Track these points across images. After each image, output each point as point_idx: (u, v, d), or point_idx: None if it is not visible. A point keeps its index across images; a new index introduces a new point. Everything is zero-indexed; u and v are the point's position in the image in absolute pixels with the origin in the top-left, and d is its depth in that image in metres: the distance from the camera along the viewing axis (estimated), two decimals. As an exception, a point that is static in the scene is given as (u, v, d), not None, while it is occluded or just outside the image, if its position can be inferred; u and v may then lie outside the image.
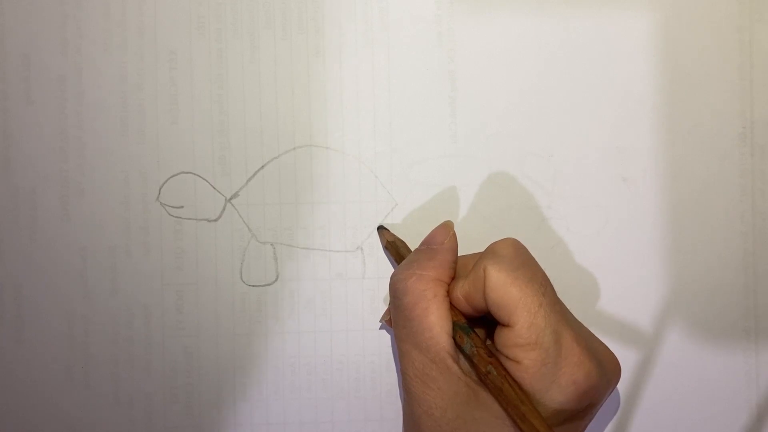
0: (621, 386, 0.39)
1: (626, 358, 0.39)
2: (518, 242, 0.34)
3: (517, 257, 0.33)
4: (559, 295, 0.38)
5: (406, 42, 0.39)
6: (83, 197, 0.38)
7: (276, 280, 0.39)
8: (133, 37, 0.38)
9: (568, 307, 0.34)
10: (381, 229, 0.39)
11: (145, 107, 0.38)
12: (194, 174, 0.39)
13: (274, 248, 0.39)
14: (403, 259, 0.37)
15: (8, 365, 0.38)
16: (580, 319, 0.35)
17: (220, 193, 0.39)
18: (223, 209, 0.39)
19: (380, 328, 0.39)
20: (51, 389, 0.39)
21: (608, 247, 0.39)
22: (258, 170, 0.39)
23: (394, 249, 0.38)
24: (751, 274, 0.39)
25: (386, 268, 0.39)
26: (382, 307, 0.39)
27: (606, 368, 0.33)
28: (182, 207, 0.39)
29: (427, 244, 0.36)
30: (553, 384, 0.31)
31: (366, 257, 0.39)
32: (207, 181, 0.39)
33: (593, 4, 0.39)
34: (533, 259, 0.34)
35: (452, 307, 0.34)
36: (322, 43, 0.39)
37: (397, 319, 0.34)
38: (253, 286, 0.39)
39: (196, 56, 0.39)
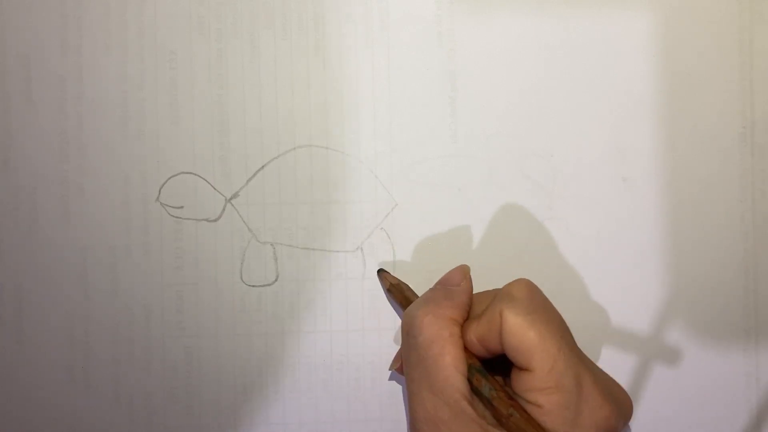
0: (622, 385, 0.39)
1: (626, 358, 0.39)
2: (532, 284, 0.34)
3: (533, 300, 0.33)
4: (559, 296, 0.38)
5: (406, 42, 0.39)
6: (83, 197, 0.38)
7: (276, 280, 0.39)
8: (133, 37, 0.38)
9: (568, 308, 0.34)
10: (382, 272, 0.39)
11: (145, 107, 0.38)
12: (194, 174, 0.39)
13: (274, 248, 0.39)
14: (409, 301, 0.37)
15: (8, 365, 0.38)
16: (579, 319, 0.35)
17: (220, 193, 0.39)
18: (223, 209, 0.39)
19: (389, 379, 0.39)
20: (51, 389, 0.39)
21: (608, 247, 0.39)
22: (258, 170, 0.39)
23: (399, 292, 0.37)
24: (751, 274, 0.39)
25: (386, 267, 0.39)
26: (383, 308, 0.39)
27: (622, 409, 0.33)
28: (182, 207, 0.39)
29: (443, 284, 0.36)
30: (575, 427, 0.31)
31: (366, 257, 0.39)
32: (207, 181, 0.39)
33: (593, 4, 0.39)
34: (548, 300, 0.34)
35: (465, 349, 0.33)
36: (322, 43, 0.39)
37: (410, 358, 0.34)
38: (253, 286, 0.39)
39: (196, 56, 0.39)
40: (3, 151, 0.38)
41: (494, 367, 0.34)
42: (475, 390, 0.33)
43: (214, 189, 0.39)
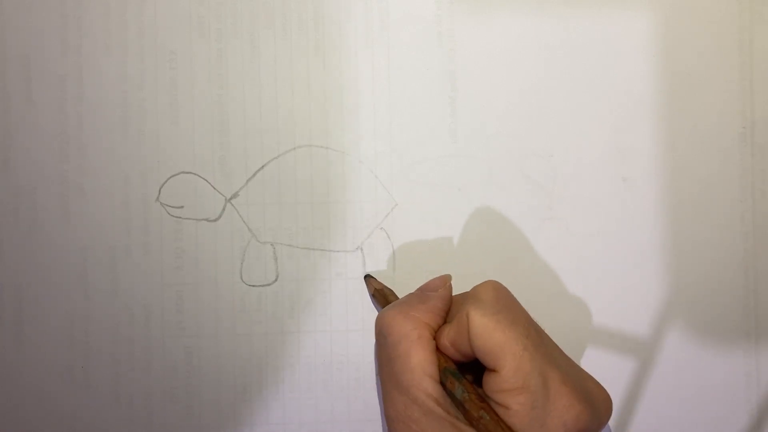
0: (621, 386, 0.39)
1: (626, 358, 0.39)
2: (498, 284, 0.34)
3: (499, 301, 0.33)
4: (559, 295, 0.38)
5: (406, 42, 0.39)
6: (83, 197, 0.38)
7: (276, 280, 0.39)
8: (133, 37, 0.38)
9: (568, 308, 0.34)
10: (368, 277, 0.39)
11: (145, 107, 0.38)
12: (194, 174, 0.39)
13: (274, 248, 0.39)
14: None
15: (8, 365, 0.38)
16: (579, 319, 0.35)
17: (220, 193, 0.39)
18: (223, 209, 0.39)
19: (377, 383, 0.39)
20: (51, 389, 0.39)
21: (608, 247, 0.39)
22: (258, 170, 0.39)
23: (382, 297, 0.38)
24: (751, 274, 0.39)
25: (386, 268, 0.39)
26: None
27: (597, 407, 0.33)
28: (182, 207, 0.39)
29: (422, 290, 0.36)
30: (543, 428, 0.31)
31: (366, 257, 0.39)
32: (207, 181, 0.39)
33: (593, 4, 0.39)
34: (515, 300, 0.34)
35: (441, 352, 0.34)
36: (322, 43, 0.39)
37: (381, 358, 0.34)
38: (253, 286, 0.39)
39: (196, 56, 0.39)
40: (3, 151, 0.38)
41: (474, 371, 0.34)
42: (448, 392, 0.33)
43: (214, 189, 0.39)
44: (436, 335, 0.34)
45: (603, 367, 0.39)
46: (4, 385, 0.38)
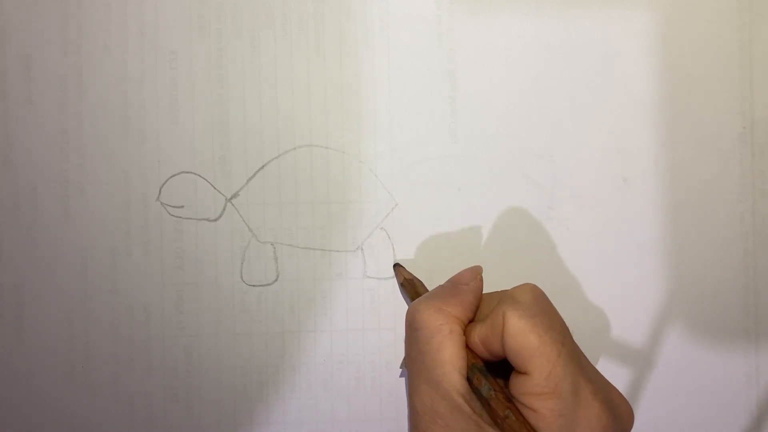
0: (621, 386, 0.39)
1: (626, 358, 0.39)
2: (538, 288, 0.34)
3: (537, 304, 0.33)
4: (559, 295, 0.38)
5: (406, 42, 0.39)
6: (84, 197, 0.38)
7: (276, 279, 0.39)
8: (133, 37, 0.38)
9: (568, 307, 0.34)
10: (397, 266, 0.39)
11: (145, 107, 0.38)
12: (194, 174, 0.39)
13: (275, 248, 0.39)
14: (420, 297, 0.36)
15: (8, 364, 0.38)
16: (579, 319, 0.35)
17: (220, 192, 0.39)
18: (224, 209, 0.39)
19: (401, 376, 0.39)
20: (51, 388, 0.39)
21: (608, 247, 0.39)
22: (258, 170, 0.39)
23: (412, 287, 0.38)
24: (751, 274, 0.39)
25: (387, 268, 0.39)
26: (383, 307, 0.39)
27: (621, 419, 0.33)
28: (182, 207, 0.39)
29: (453, 282, 0.36)
30: None
31: (366, 257, 0.39)
32: (207, 180, 0.39)
33: (593, 4, 0.39)
34: (553, 306, 0.34)
35: (469, 349, 0.34)
36: (322, 43, 0.39)
37: (411, 351, 0.34)
38: (254, 285, 0.39)
39: (196, 56, 0.39)
40: (3, 151, 0.38)
41: (498, 371, 0.34)
42: (475, 389, 0.33)
43: (215, 189, 0.39)
44: (465, 330, 0.34)
45: (603, 366, 0.39)
46: (4, 385, 0.38)
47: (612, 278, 0.39)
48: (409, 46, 0.39)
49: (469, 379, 0.33)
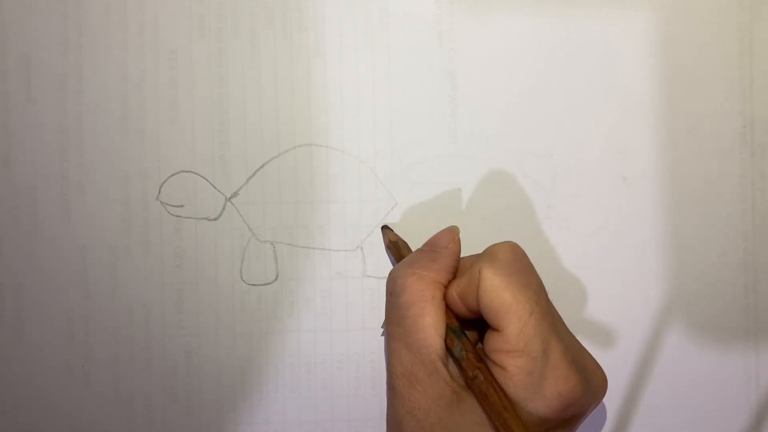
0: (621, 386, 0.39)
1: (626, 358, 0.39)
2: (518, 247, 0.34)
3: (515, 262, 0.33)
4: (559, 295, 0.38)
5: (406, 42, 0.39)
6: (83, 196, 0.38)
7: (276, 279, 0.39)
8: (133, 36, 0.38)
9: (568, 307, 0.34)
10: (385, 228, 0.39)
11: (145, 106, 0.38)
12: (194, 173, 0.39)
13: (274, 247, 0.39)
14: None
15: (8, 365, 0.38)
16: (579, 319, 0.35)
17: (220, 192, 0.39)
18: (223, 208, 0.39)
19: (382, 335, 0.39)
20: (51, 389, 0.39)
21: (608, 246, 0.39)
22: (258, 169, 0.39)
23: (396, 249, 0.38)
24: (751, 274, 0.39)
25: (386, 268, 0.39)
26: (383, 307, 0.39)
27: (592, 383, 0.33)
28: (182, 206, 0.39)
29: (431, 245, 0.36)
30: (537, 394, 0.31)
31: (366, 256, 0.39)
32: (207, 180, 0.39)
33: (593, 4, 0.39)
34: (531, 266, 0.34)
35: (447, 308, 0.34)
36: (322, 43, 0.39)
37: (391, 316, 0.34)
38: (253, 285, 0.39)
39: (196, 56, 0.39)
40: (3, 150, 0.38)
41: (479, 331, 0.35)
42: (449, 349, 0.33)
43: (214, 188, 0.39)
44: (445, 290, 0.34)
45: (603, 366, 0.39)
46: (4, 385, 0.38)
47: (612, 278, 0.39)
48: (409, 46, 0.39)
49: (445, 342, 0.33)
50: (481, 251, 0.34)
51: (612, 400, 0.39)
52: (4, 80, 0.38)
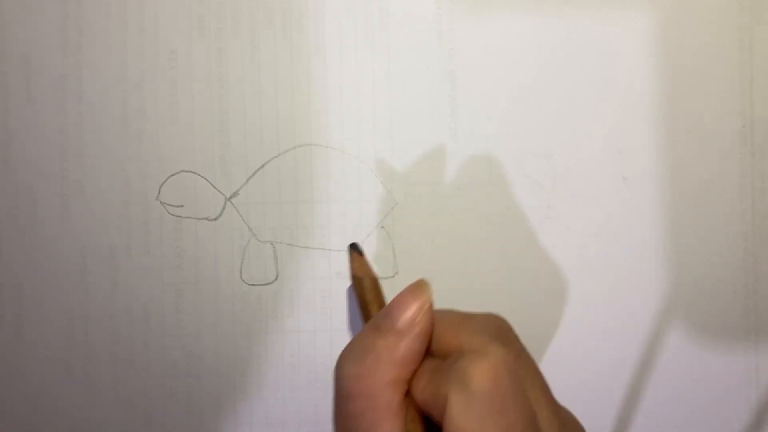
0: (621, 386, 0.39)
1: (626, 358, 0.39)
2: (502, 365, 0.25)
3: (495, 394, 0.25)
4: (559, 295, 0.37)
5: (406, 42, 0.39)
6: (83, 196, 0.38)
7: (276, 279, 0.39)
8: (133, 36, 0.38)
9: (568, 307, 0.34)
10: (353, 249, 0.36)
11: (145, 106, 0.38)
12: (194, 173, 0.39)
13: (274, 247, 0.39)
14: (366, 310, 0.31)
15: (8, 365, 0.38)
16: (578, 319, 0.34)
17: (220, 192, 0.39)
18: (223, 208, 0.39)
19: None
20: (51, 388, 0.38)
21: (608, 246, 0.39)
22: (258, 169, 0.39)
23: (360, 289, 0.32)
24: (751, 274, 0.39)
25: (387, 267, 0.39)
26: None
27: None
28: (182, 206, 0.39)
29: (391, 318, 0.27)
30: None
31: (366, 256, 0.39)
32: (207, 180, 0.39)
33: (593, 4, 0.39)
34: (519, 392, 0.25)
35: (411, 407, 0.27)
36: (322, 43, 0.39)
37: (338, 420, 0.28)
38: (253, 285, 0.39)
39: (196, 55, 0.39)
40: (2, 150, 0.38)
41: None
42: None
43: (214, 188, 0.39)
44: (411, 383, 0.27)
45: (603, 366, 0.39)
46: (4, 385, 0.38)
47: (612, 277, 0.39)
48: (409, 46, 0.39)
49: None
50: (481, 252, 0.34)
51: (612, 400, 0.39)
52: (4, 80, 0.38)
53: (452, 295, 0.39)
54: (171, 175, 0.39)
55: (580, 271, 0.39)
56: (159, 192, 0.38)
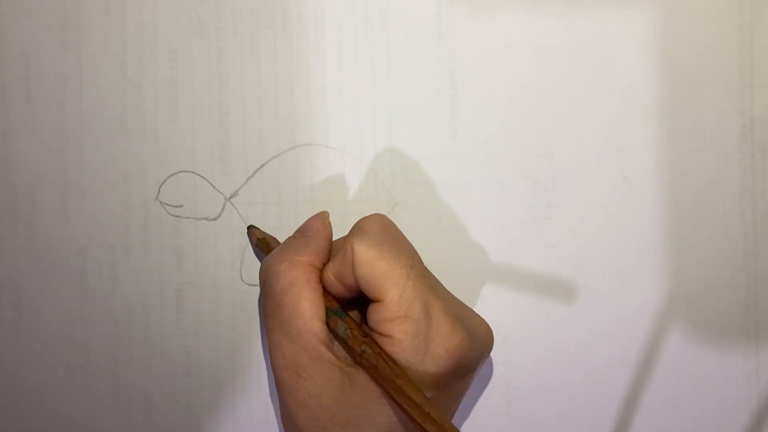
0: (621, 386, 0.39)
1: (626, 358, 0.39)
2: (385, 217, 0.35)
3: (384, 232, 0.33)
4: (559, 294, 0.37)
5: (406, 41, 0.39)
6: (82, 196, 0.38)
7: (276, 279, 0.39)
8: (133, 35, 0.38)
9: (568, 307, 0.34)
10: (251, 228, 0.38)
11: (144, 106, 0.38)
12: (194, 173, 0.39)
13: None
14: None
15: (8, 365, 0.38)
16: (578, 318, 0.35)
17: (219, 192, 0.39)
18: (223, 208, 0.39)
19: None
20: (50, 389, 0.38)
21: (608, 246, 0.39)
22: (258, 169, 0.39)
23: (265, 245, 0.37)
24: (751, 274, 0.39)
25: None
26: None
27: (478, 337, 0.34)
28: (182, 206, 0.39)
29: (302, 231, 0.36)
30: (426, 355, 0.31)
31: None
32: (206, 180, 0.39)
33: (593, 4, 0.39)
34: (400, 232, 0.34)
35: (325, 292, 0.34)
36: (322, 43, 0.39)
37: (268, 307, 0.34)
38: (253, 285, 0.39)
39: (196, 55, 0.39)
40: (2, 150, 0.38)
41: (361, 310, 0.35)
42: (333, 332, 0.33)
43: (214, 188, 0.39)
44: (321, 274, 0.34)
45: (603, 366, 0.39)
46: (4, 385, 0.38)
47: (612, 277, 0.39)
48: (409, 46, 0.39)
49: (328, 325, 0.33)
50: (481, 252, 0.34)
51: (612, 400, 0.39)
52: (3, 80, 0.38)
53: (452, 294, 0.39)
54: (170, 175, 0.38)
55: (580, 271, 0.39)
56: (158, 192, 0.38)
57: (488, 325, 0.35)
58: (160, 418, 0.39)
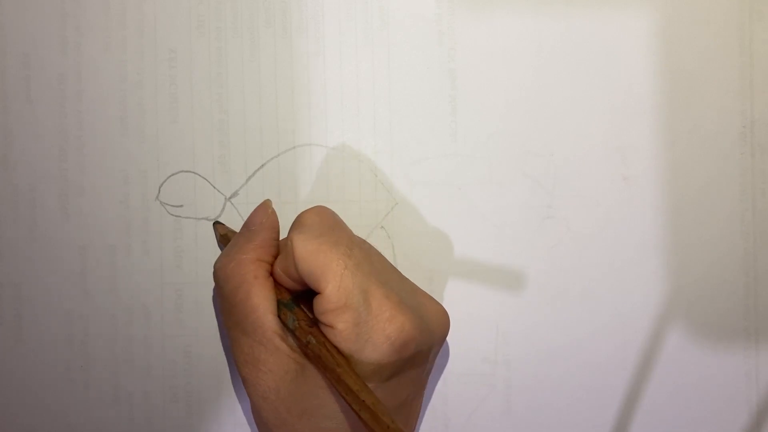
0: (621, 386, 0.39)
1: (626, 358, 0.39)
2: (324, 208, 0.35)
3: (321, 224, 0.34)
4: (559, 294, 0.37)
5: (406, 41, 0.39)
6: (83, 196, 0.38)
7: (276, 279, 0.39)
8: (132, 35, 0.38)
9: (568, 307, 0.34)
10: (216, 224, 0.38)
11: (144, 106, 0.38)
12: (194, 173, 0.39)
13: (274, 247, 0.39)
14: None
15: (8, 365, 0.38)
16: (578, 318, 0.34)
17: (219, 192, 0.39)
18: (223, 208, 0.39)
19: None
20: (50, 389, 0.38)
21: (608, 246, 0.39)
22: (258, 169, 0.39)
23: (227, 242, 0.37)
24: (751, 274, 0.39)
25: (386, 268, 0.39)
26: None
27: (428, 320, 0.34)
28: (182, 206, 0.39)
29: (247, 226, 0.36)
30: (367, 343, 0.31)
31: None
32: (207, 180, 0.39)
33: (593, 4, 0.39)
34: (339, 222, 0.35)
35: (277, 285, 0.34)
36: (322, 43, 0.39)
37: (223, 308, 0.35)
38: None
39: (196, 55, 0.39)
40: (2, 150, 0.38)
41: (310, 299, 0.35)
42: (283, 323, 0.33)
43: (214, 188, 0.39)
44: (272, 267, 0.34)
45: (603, 366, 0.39)
46: (4, 385, 0.38)
47: (612, 277, 0.39)
48: (409, 45, 0.39)
49: (279, 317, 0.33)
50: (481, 252, 0.34)
51: (612, 400, 0.39)
52: (3, 80, 0.38)
53: (452, 294, 0.39)
54: (170, 175, 0.39)
55: (580, 270, 0.39)
56: (158, 192, 0.38)
57: (443, 310, 0.35)
58: (160, 418, 0.39)
